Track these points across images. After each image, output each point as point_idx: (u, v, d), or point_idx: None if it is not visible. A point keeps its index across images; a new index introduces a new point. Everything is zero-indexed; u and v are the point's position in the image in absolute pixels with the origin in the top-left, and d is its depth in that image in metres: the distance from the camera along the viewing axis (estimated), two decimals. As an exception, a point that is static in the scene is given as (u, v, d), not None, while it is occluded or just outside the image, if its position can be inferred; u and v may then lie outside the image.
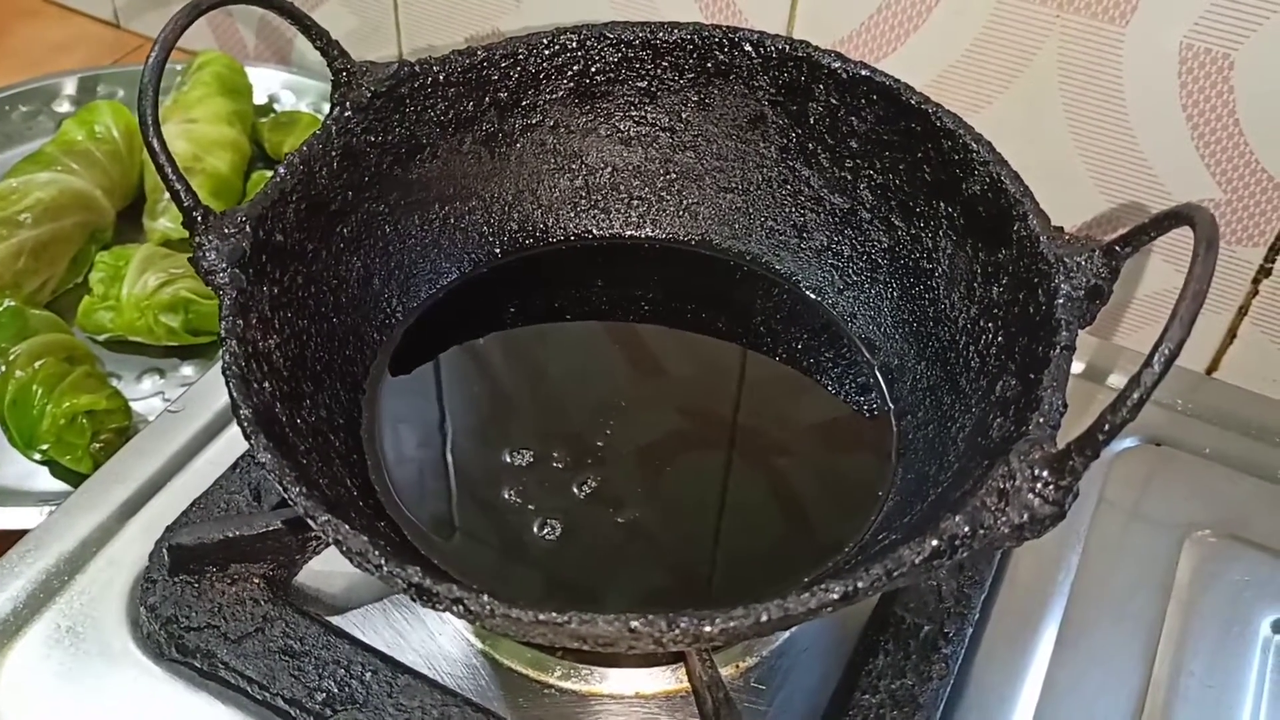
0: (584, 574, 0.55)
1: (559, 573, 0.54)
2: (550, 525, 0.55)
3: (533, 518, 0.55)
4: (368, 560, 0.43)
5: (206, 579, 0.56)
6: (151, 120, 0.50)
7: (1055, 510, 0.43)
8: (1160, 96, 0.67)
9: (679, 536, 0.56)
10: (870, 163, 0.61)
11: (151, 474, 0.63)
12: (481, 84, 0.62)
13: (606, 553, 0.55)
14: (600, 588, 0.55)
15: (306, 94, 0.99)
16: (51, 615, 0.57)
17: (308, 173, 0.56)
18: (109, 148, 0.87)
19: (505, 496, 0.56)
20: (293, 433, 0.50)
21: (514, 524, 0.55)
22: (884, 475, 0.57)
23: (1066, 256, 0.50)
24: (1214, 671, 0.58)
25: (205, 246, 0.51)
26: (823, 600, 0.42)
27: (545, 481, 0.57)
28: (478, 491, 0.57)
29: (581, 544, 0.55)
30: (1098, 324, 0.75)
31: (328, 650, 0.54)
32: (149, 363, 0.80)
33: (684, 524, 0.57)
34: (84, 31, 1.09)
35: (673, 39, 0.63)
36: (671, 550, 0.56)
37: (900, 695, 0.54)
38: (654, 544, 0.55)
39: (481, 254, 0.66)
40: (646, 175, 0.67)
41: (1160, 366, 0.41)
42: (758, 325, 0.65)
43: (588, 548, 0.55)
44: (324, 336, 0.57)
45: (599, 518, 0.56)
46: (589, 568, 0.55)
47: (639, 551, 0.55)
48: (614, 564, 0.55)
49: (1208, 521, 0.65)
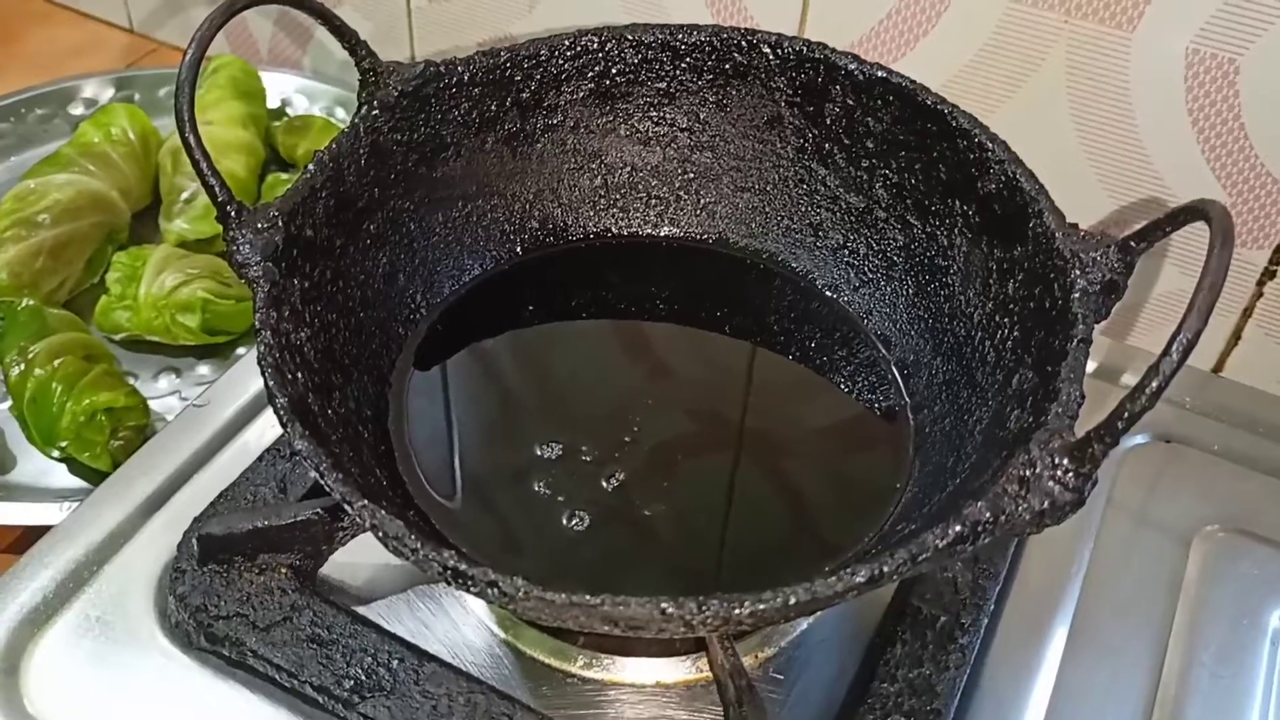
0: (612, 563, 0.55)
1: (588, 562, 0.55)
2: (579, 517, 0.56)
3: (561, 509, 0.56)
4: (404, 545, 0.44)
5: (235, 569, 0.57)
6: (188, 116, 0.51)
7: (1075, 497, 0.44)
8: (1166, 101, 0.68)
9: (703, 526, 0.57)
10: (886, 162, 0.62)
11: (176, 468, 0.64)
12: (504, 84, 0.64)
13: (633, 544, 0.56)
14: (627, 577, 0.56)
15: (319, 98, 1.00)
16: (81, 605, 0.58)
17: (337, 170, 0.57)
18: (125, 150, 0.88)
19: (534, 488, 0.57)
20: (324, 423, 0.51)
21: (542, 515, 0.56)
22: (902, 467, 0.58)
23: (1082, 252, 0.51)
24: (1224, 664, 0.59)
25: (239, 241, 0.52)
26: (849, 584, 0.43)
27: (574, 474, 0.58)
28: (506, 482, 0.58)
29: (609, 536, 0.56)
30: (1109, 325, 0.76)
31: (355, 639, 0.55)
32: (165, 361, 0.81)
33: (708, 515, 0.58)
34: (98, 36, 1.10)
35: (692, 41, 0.64)
36: (697, 539, 0.57)
37: (918, 684, 0.55)
38: (680, 534, 0.56)
39: (503, 251, 0.67)
40: (665, 175, 0.68)
41: (1178, 355, 0.42)
42: (774, 322, 0.67)
43: (615, 539, 0.56)
44: (352, 330, 0.57)
45: (627, 511, 0.57)
46: (617, 558, 0.56)
47: (665, 542, 0.56)
48: (640, 555, 0.56)
49: (1217, 517, 0.66)
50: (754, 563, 0.55)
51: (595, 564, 0.55)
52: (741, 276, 0.68)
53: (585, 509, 0.56)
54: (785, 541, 0.57)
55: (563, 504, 0.56)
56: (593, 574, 0.55)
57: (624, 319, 0.68)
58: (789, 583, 0.42)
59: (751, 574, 0.55)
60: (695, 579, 0.56)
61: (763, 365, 0.65)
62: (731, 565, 0.56)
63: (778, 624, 0.57)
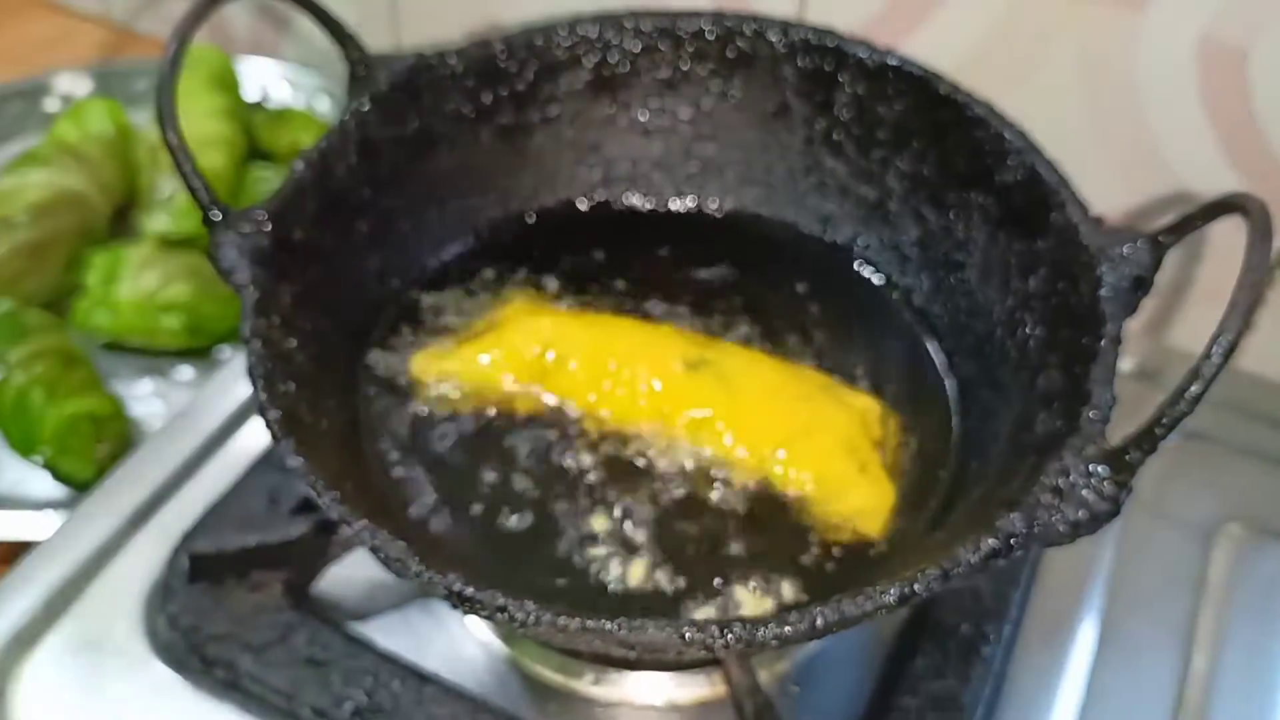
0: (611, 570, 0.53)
1: (583, 573, 0.52)
2: (576, 525, 0.54)
3: (560, 516, 0.54)
4: (407, 568, 0.42)
5: (226, 587, 0.55)
6: (169, 115, 0.49)
7: (1112, 507, 0.43)
8: (1178, 87, 0.66)
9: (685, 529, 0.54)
10: (899, 152, 0.60)
11: (163, 479, 0.62)
12: (498, 75, 0.61)
13: (625, 541, 0.53)
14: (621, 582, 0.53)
15: (299, 87, 0.97)
16: (68, 625, 0.56)
17: (325, 168, 0.55)
18: (103, 146, 0.85)
19: (529, 500, 0.54)
20: (318, 436, 0.49)
21: (539, 528, 0.54)
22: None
23: (1109, 247, 0.49)
24: (1252, 666, 0.58)
25: (224, 245, 0.50)
26: (879, 603, 0.41)
27: (566, 480, 0.55)
28: (503, 497, 0.56)
29: (603, 537, 0.53)
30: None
31: (353, 659, 0.53)
32: (147, 364, 0.78)
33: (688, 518, 0.55)
34: (73, 28, 1.07)
35: (693, 27, 0.62)
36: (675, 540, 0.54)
37: (942, 697, 0.53)
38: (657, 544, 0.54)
39: (500, 250, 0.65)
40: (667, 167, 0.66)
41: (1219, 358, 0.40)
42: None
43: (610, 540, 0.53)
44: (344, 336, 0.55)
45: (623, 509, 0.54)
46: (613, 560, 0.53)
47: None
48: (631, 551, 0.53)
49: (1237, 514, 0.64)
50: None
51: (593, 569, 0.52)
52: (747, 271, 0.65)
53: (585, 514, 0.54)
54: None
55: (557, 511, 0.54)
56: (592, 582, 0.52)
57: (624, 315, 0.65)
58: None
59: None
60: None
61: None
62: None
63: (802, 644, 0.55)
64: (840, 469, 0.53)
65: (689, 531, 0.53)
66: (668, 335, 0.57)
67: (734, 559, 0.52)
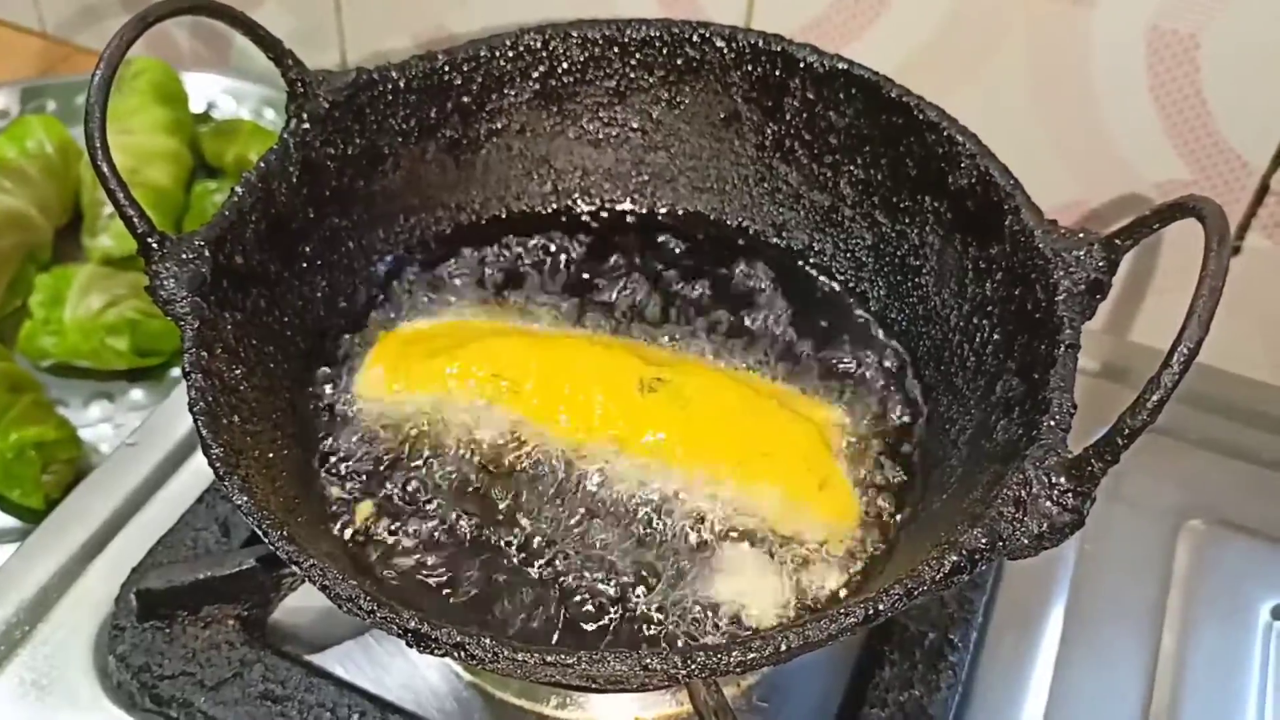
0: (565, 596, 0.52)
1: (544, 598, 0.51)
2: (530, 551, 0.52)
3: (510, 542, 0.52)
4: (358, 607, 0.41)
5: (178, 623, 0.54)
6: (100, 143, 0.47)
7: (1075, 518, 0.42)
8: (1128, 78, 0.66)
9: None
10: (851, 158, 0.59)
11: (112, 511, 0.60)
12: (443, 89, 0.60)
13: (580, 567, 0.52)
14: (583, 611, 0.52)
15: (246, 99, 0.96)
16: (14, 668, 0.54)
17: (266, 190, 0.53)
18: (43, 164, 0.83)
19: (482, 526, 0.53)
20: (266, 466, 0.47)
21: (488, 550, 0.52)
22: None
23: (1064, 251, 0.49)
24: (1218, 659, 0.58)
25: (163, 275, 0.48)
26: (843, 625, 0.40)
27: (520, 505, 0.53)
28: (455, 523, 0.54)
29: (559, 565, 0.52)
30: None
31: (311, 693, 0.52)
32: (96, 387, 0.77)
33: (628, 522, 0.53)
34: (7, 41, 1.04)
35: (640, 35, 0.61)
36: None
37: (909, 708, 0.52)
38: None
39: (450, 267, 0.63)
40: (618, 177, 0.65)
41: (1179, 366, 0.40)
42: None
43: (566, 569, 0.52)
44: (291, 362, 0.54)
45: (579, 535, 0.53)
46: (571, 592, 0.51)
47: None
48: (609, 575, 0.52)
49: (1200, 509, 0.64)
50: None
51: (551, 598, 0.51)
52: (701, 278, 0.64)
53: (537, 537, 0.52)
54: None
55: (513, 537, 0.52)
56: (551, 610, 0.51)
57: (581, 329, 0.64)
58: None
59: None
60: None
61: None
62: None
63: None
64: (800, 486, 0.52)
65: (645, 558, 0.51)
66: (624, 355, 0.55)
67: (693, 582, 0.51)
